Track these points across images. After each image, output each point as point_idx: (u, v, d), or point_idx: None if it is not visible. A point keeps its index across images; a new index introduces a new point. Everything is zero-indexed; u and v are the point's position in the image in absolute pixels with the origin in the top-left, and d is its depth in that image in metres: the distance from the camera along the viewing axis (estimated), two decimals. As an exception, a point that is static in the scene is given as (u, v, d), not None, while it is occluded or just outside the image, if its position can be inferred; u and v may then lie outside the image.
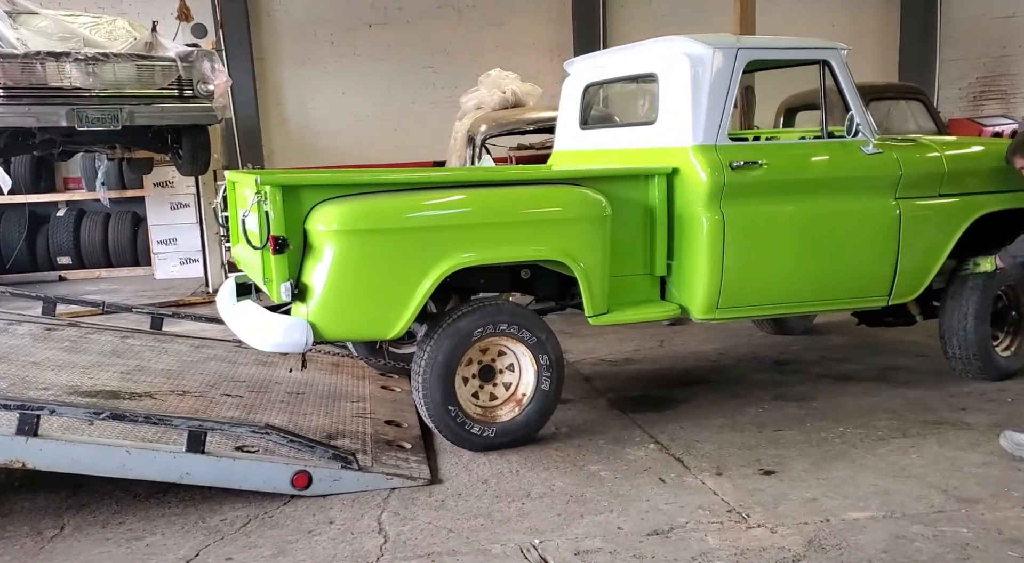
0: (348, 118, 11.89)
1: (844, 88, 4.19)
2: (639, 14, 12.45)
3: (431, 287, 3.54)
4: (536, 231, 3.73)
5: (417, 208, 3.60)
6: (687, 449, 3.81)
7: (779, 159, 4.10)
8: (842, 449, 3.78)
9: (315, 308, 3.46)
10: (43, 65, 7.36)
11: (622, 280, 4.04)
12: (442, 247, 3.56)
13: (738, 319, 4.39)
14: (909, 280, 4.36)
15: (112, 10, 10.11)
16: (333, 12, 11.81)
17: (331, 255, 3.43)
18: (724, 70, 3.97)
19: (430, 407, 3.68)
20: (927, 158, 4.40)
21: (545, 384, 3.80)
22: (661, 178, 4.01)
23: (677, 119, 4.05)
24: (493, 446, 3.77)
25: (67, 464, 3.04)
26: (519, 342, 3.76)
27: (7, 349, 4.24)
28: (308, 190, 3.53)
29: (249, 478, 3.23)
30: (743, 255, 3.98)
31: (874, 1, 13.48)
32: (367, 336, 3.87)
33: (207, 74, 7.99)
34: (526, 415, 3.81)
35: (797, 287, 4.18)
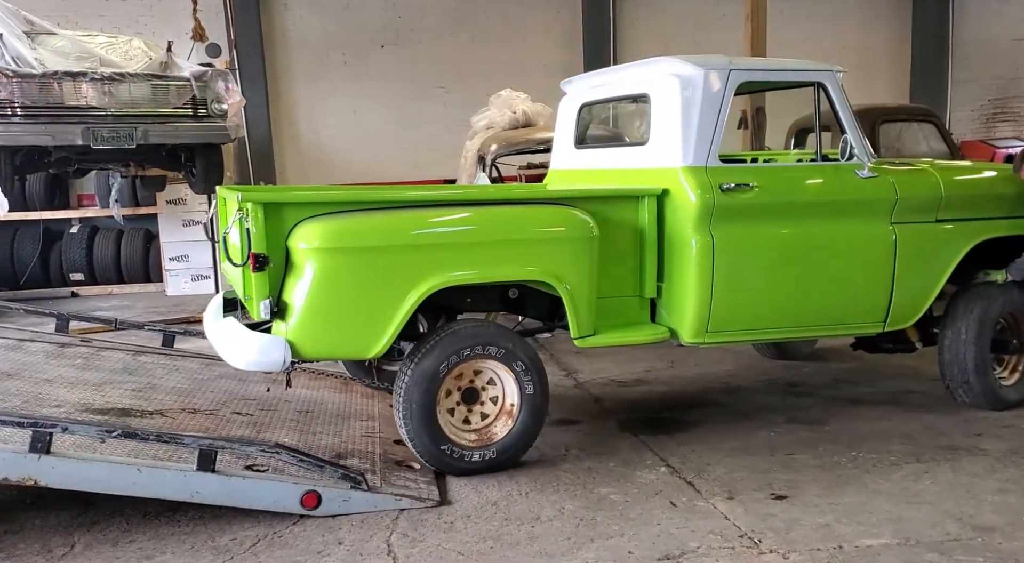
0: (360, 137, 11.98)
1: (840, 111, 4.15)
2: (649, 36, 12.54)
3: (412, 306, 3.50)
4: (520, 251, 3.69)
5: (399, 227, 3.57)
6: (698, 473, 3.78)
7: (770, 182, 4.06)
8: (855, 474, 3.74)
9: (294, 326, 3.43)
10: (60, 84, 7.46)
11: (611, 302, 3.99)
12: (424, 266, 3.52)
13: (729, 343, 4.34)
14: (906, 306, 4.28)
15: (128, 30, 10.23)
16: (346, 33, 11.94)
17: (311, 273, 3.41)
18: (715, 91, 3.94)
19: (424, 452, 3.64)
20: (924, 182, 4.34)
21: (529, 388, 3.73)
22: (651, 199, 3.98)
23: (668, 140, 4.02)
24: (498, 466, 3.75)
25: (78, 482, 3.05)
26: (488, 359, 3.69)
27: (20, 366, 4.27)
28: (290, 207, 3.50)
29: (259, 497, 3.22)
30: (733, 278, 3.94)
31: (886, 23, 13.53)
32: (347, 355, 3.82)
33: (221, 93, 8.08)
34: (521, 424, 3.75)
35: (789, 312, 4.12)
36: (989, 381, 4.48)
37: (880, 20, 13.51)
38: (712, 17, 12.35)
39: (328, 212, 3.53)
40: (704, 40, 11.56)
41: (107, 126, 7.46)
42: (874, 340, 4.80)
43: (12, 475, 2.96)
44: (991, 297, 4.47)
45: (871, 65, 13.38)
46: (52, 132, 7.31)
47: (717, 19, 12.25)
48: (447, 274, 3.56)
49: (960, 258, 4.36)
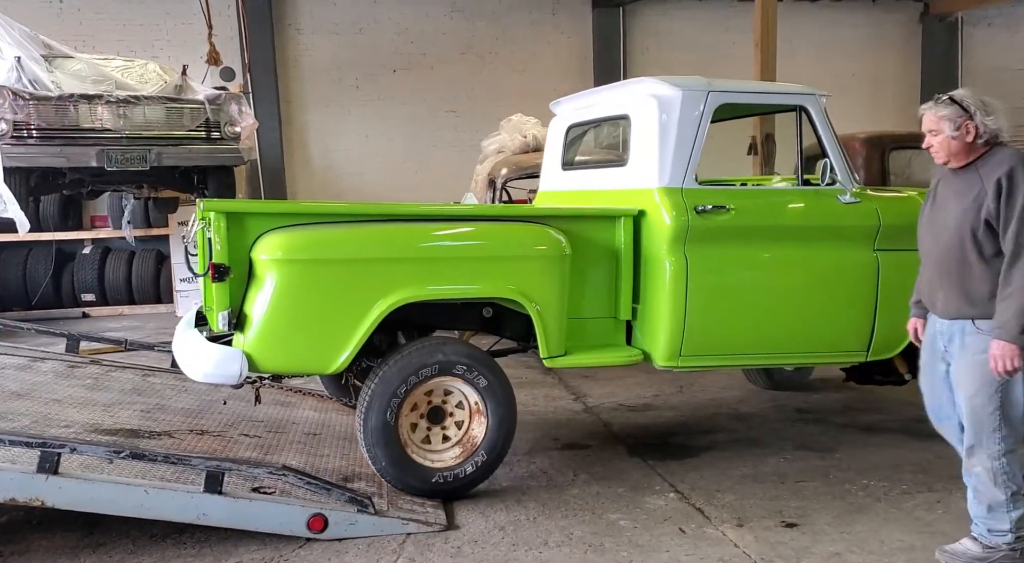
0: (371, 160, 12.06)
1: (822, 135, 4.09)
2: (659, 63, 12.62)
3: (374, 322, 3.45)
4: (487, 268, 3.65)
5: (364, 240, 3.54)
6: (708, 499, 3.75)
7: (747, 205, 4.02)
8: (866, 502, 3.71)
9: (252, 339, 3.39)
10: (76, 107, 7.56)
11: (586, 322, 3.95)
12: (386, 282, 3.47)
13: (703, 369, 4.23)
14: (889, 335, 4.14)
15: (144, 54, 10.37)
16: (358, 57, 12.06)
17: (271, 284, 3.37)
18: (693, 112, 3.91)
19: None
20: (909, 209, 4.13)
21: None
22: (627, 220, 3.94)
23: (645, 160, 4.00)
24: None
25: (86, 503, 3.04)
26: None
27: (30, 386, 4.28)
28: (253, 218, 3.47)
29: (265, 520, 3.21)
30: (707, 302, 3.88)
31: (894, 50, 13.59)
32: (306, 370, 3.72)
33: (234, 116, 8.17)
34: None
35: (766, 338, 4.05)
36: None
37: (889, 48, 13.58)
38: (722, 45, 12.44)
39: (293, 224, 3.50)
40: (714, 68, 11.59)
41: (121, 148, 7.54)
42: (864, 371, 4.68)
43: (19, 495, 2.96)
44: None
45: (880, 92, 13.43)
46: (67, 154, 7.40)
47: (727, 47, 12.34)
48: (410, 290, 3.49)
49: None
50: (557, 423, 5.05)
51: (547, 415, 5.22)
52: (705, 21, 12.77)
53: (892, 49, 13.56)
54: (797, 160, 4.14)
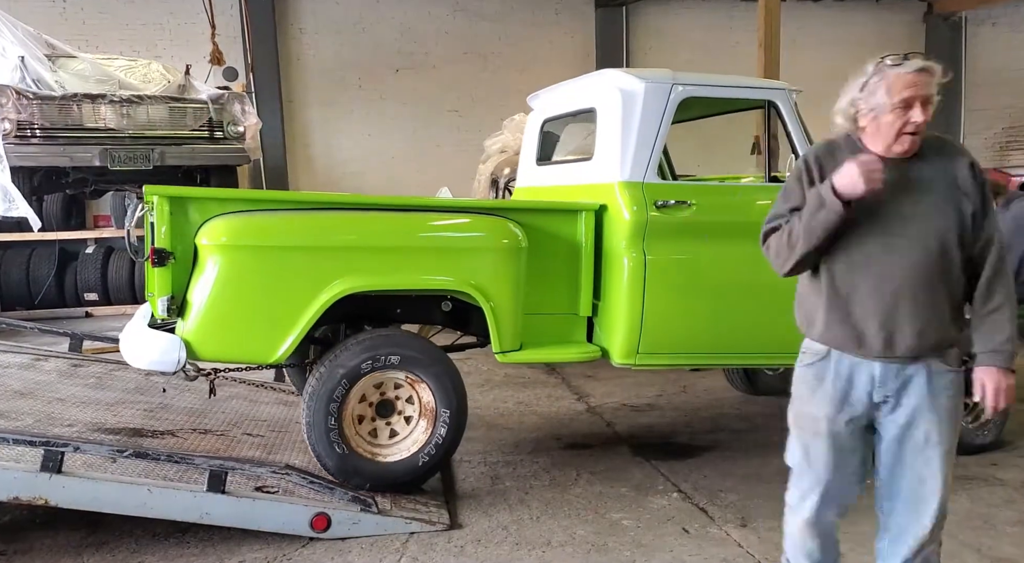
0: (374, 160, 12.06)
1: (791, 131, 3.99)
2: (662, 63, 12.58)
3: (317, 312, 3.38)
4: (437, 259, 3.57)
5: (307, 227, 3.47)
6: (711, 499, 3.74)
7: (709, 200, 3.94)
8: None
9: (191, 326, 3.33)
10: (79, 107, 7.57)
11: (545, 318, 3.87)
12: (331, 270, 3.40)
13: (662, 367, 4.10)
14: None
15: (147, 53, 10.39)
16: (361, 57, 12.06)
17: (212, 270, 3.31)
18: (656, 105, 3.82)
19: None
20: None
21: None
22: (589, 214, 3.86)
23: (608, 154, 3.93)
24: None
25: (89, 502, 3.04)
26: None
27: (34, 385, 4.28)
28: (197, 203, 3.43)
29: (268, 519, 3.21)
30: (666, 299, 3.80)
31: (898, 50, 13.52)
32: (246, 359, 3.59)
33: (237, 116, 8.17)
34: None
35: (727, 337, 3.95)
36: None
37: (893, 47, 13.49)
38: (725, 45, 12.42)
39: (239, 211, 3.43)
40: (717, 68, 11.59)
41: (124, 148, 7.55)
42: None
43: (23, 494, 2.96)
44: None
45: (884, 92, 13.40)
46: (70, 153, 7.41)
47: (730, 47, 12.33)
48: (355, 281, 3.42)
49: None
50: (560, 422, 5.04)
51: (550, 415, 5.22)
52: (709, 20, 12.76)
53: (896, 48, 13.33)
54: (765, 156, 4.04)
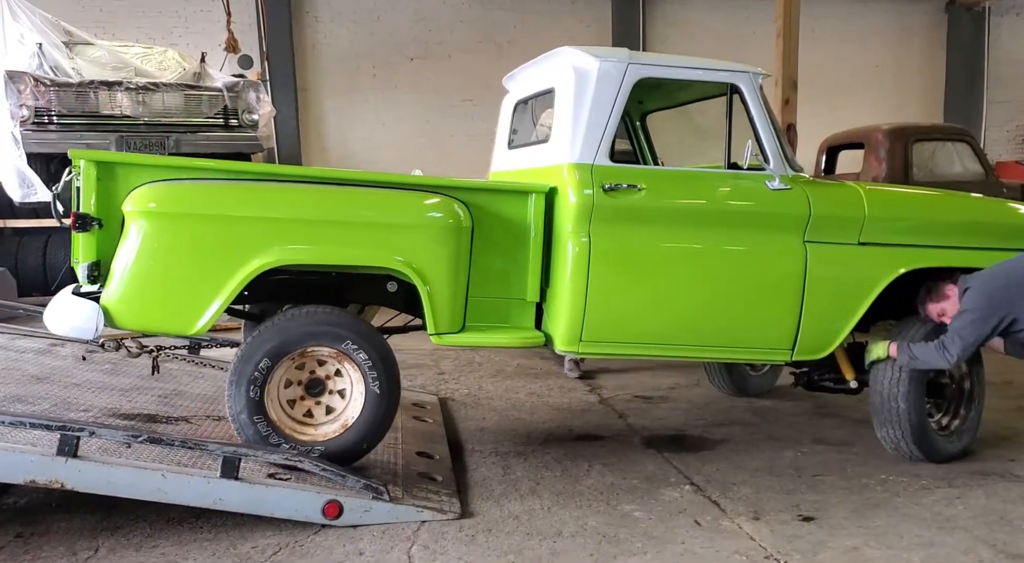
0: (387, 149, 12.08)
1: (755, 117, 3.85)
2: (679, 52, 12.52)
3: (240, 284, 3.32)
4: (368, 235, 3.46)
5: (233, 197, 3.40)
6: (723, 491, 3.73)
7: (661, 185, 3.79)
8: (884, 497, 3.67)
9: (111, 293, 3.28)
10: (96, 94, 7.63)
11: (492, 302, 3.76)
12: (256, 242, 3.33)
13: (606, 356, 3.97)
14: (817, 335, 3.88)
15: (163, 41, 10.43)
16: (376, 45, 12.06)
17: (134, 238, 3.26)
18: (610, 85, 3.71)
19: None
20: (844, 200, 3.97)
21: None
22: (539, 196, 3.73)
23: (562, 135, 3.82)
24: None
25: (104, 486, 3.06)
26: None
27: (50, 370, 4.32)
28: (126, 169, 3.37)
29: (281, 506, 3.22)
30: (611, 286, 3.68)
31: (919, 41, 13.42)
32: (166, 330, 3.51)
33: (252, 104, 8.21)
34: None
35: (675, 328, 3.80)
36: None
37: (914, 38, 13.41)
38: (743, 35, 12.34)
39: (169, 179, 3.38)
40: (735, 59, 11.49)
41: (140, 135, 7.60)
42: (813, 376, 4.49)
43: (39, 477, 2.99)
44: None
45: (904, 83, 13.28)
46: (87, 140, 7.45)
47: (748, 37, 12.24)
48: (280, 254, 3.34)
49: (882, 287, 3.92)
50: (572, 413, 5.04)
51: (562, 406, 5.22)
52: (726, 11, 12.67)
53: (917, 39, 13.39)
54: (726, 143, 3.88)
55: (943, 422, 4.17)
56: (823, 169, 8.64)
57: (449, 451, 4.15)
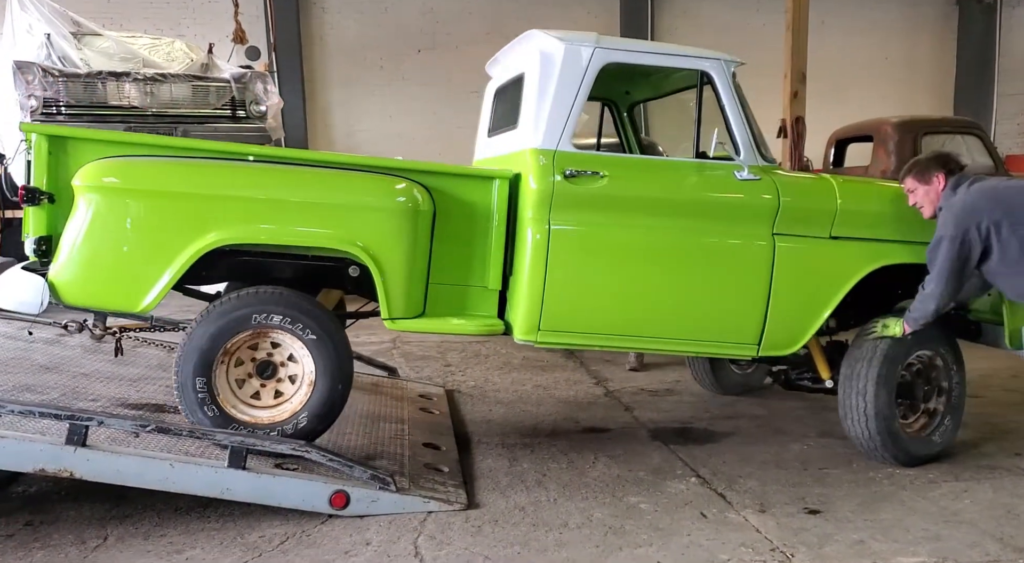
0: (394, 141, 12.08)
1: (725, 105, 3.76)
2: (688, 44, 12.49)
3: (188, 262, 3.29)
4: (319, 216, 3.41)
5: (182, 174, 3.37)
6: (730, 484, 3.73)
7: (623, 173, 3.71)
8: (891, 491, 3.67)
9: (59, 268, 3.28)
10: (104, 84, 7.63)
11: (453, 289, 3.71)
12: (204, 220, 3.30)
13: (565, 346, 3.87)
14: (784, 330, 3.78)
15: (171, 32, 10.43)
16: (383, 37, 12.04)
17: (82, 213, 3.25)
18: (574, 69, 3.64)
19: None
20: (815, 192, 3.87)
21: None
22: (503, 182, 3.67)
23: (525, 120, 3.77)
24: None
25: (112, 475, 3.08)
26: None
27: (59, 360, 4.34)
28: (77, 143, 3.36)
29: (288, 496, 3.23)
30: (571, 274, 3.62)
31: (929, 33, 13.34)
32: (111, 307, 3.49)
33: (259, 95, 8.21)
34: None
35: (636, 319, 3.73)
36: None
37: (924, 31, 13.33)
38: (752, 28, 12.28)
39: (121, 155, 3.37)
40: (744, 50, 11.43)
41: (148, 125, 7.60)
42: (790, 375, 4.43)
43: (49, 466, 3.01)
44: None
45: (914, 76, 13.20)
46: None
47: (757, 30, 12.18)
48: (227, 233, 3.31)
49: (854, 282, 3.82)
50: (578, 406, 5.04)
51: (568, 398, 5.22)
52: (736, 2, 12.61)
53: (927, 31, 13.30)
54: (695, 131, 3.76)
55: (916, 424, 4.04)
56: (831, 162, 8.60)
57: (456, 442, 4.16)
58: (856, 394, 3.88)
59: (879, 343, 3.86)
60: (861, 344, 3.93)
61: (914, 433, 4.00)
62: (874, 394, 3.83)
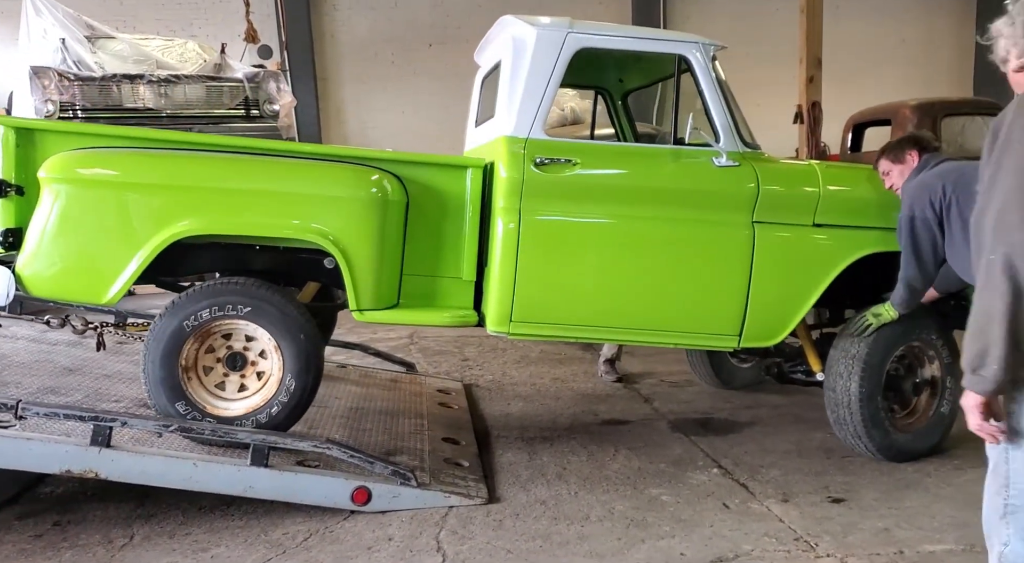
0: (407, 136, 12.07)
1: (704, 90, 3.64)
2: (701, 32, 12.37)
3: (152, 253, 3.28)
4: (284, 206, 3.37)
5: (143, 164, 3.36)
6: (752, 474, 3.71)
7: (596, 160, 3.65)
8: (915, 478, 3.64)
9: (24, 260, 3.29)
10: (118, 87, 7.68)
11: (427, 279, 3.66)
12: (168, 210, 3.28)
13: (539, 337, 3.81)
14: (765, 320, 3.67)
15: (183, 32, 10.48)
16: (394, 32, 12.04)
17: (45, 204, 3.26)
18: (547, 55, 3.56)
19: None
20: (798, 178, 3.78)
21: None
22: (476, 171, 3.62)
23: (501, 108, 3.71)
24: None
25: (137, 475, 3.11)
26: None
27: (82, 362, 4.38)
28: (45, 135, 3.37)
29: (310, 493, 3.25)
30: (542, 264, 3.55)
31: (947, 13, 13.15)
32: (76, 298, 3.48)
33: (272, 94, 8.23)
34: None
35: (611, 310, 3.65)
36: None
37: (941, 12, 13.14)
38: (765, 12, 12.14)
39: (87, 147, 3.37)
40: (758, 36, 11.34)
41: (162, 126, 7.64)
42: (783, 367, 4.33)
43: (75, 467, 3.04)
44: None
45: (933, 57, 13.03)
46: (111, 133, 7.50)
47: (771, 15, 12.05)
48: (193, 224, 3.29)
49: (838, 271, 3.71)
50: (597, 398, 5.03)
51: (586, 391, 5.21)
52: (748, -12, 12.48)
53: (944, 13, 13.12)
54: (673, 115, 3.65)
55: (905, 418, 3.94)
56: (849, 147, 8.52)
57: (475, 437, 4.17)
58: (841, 386, 3.78)
59: (857, 347, 3.75)
60: (846, 337, 3.83)
61: (904, 427, 3.89)
62: (859, 386, 3.74)
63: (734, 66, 4.34)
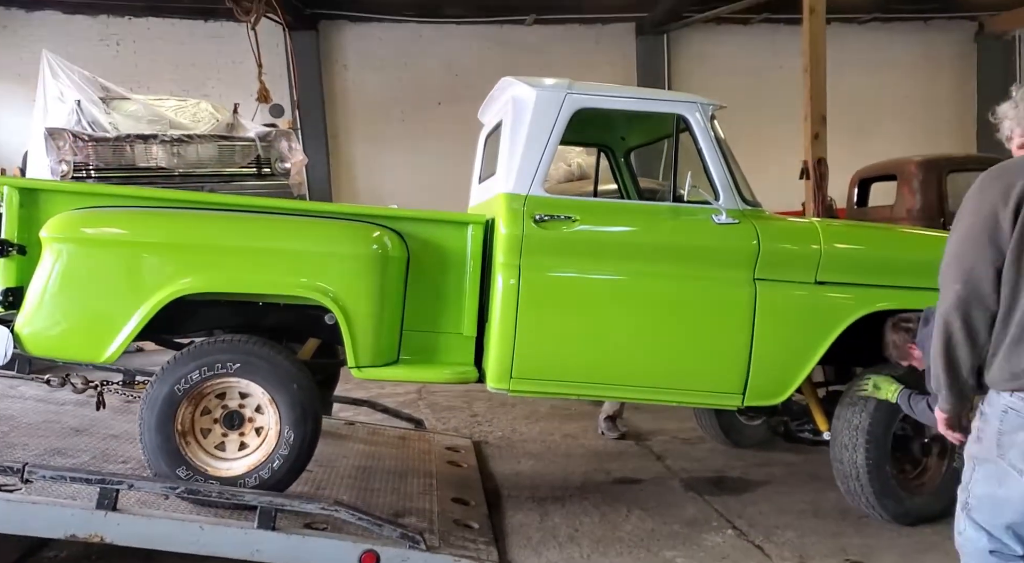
0: (418, 193, 12.18)
1: (703, 149, 3.67)
2: (705, 88, 12.54)
3: (150, 313, 3.29)
4: (282, 263, 3.40)
5: (141, 223, 3.41)
6: (767, 536, 3.63)
7: (595, 217, 3.70)
8: (935, 540, 3.55)
9: (24, 318, 3.31)
10: (132, 147, 7.82)
11: (428, 335, 3.66)
12: (166, 268, 3.32)
13: (539, 395, 3.79)
14: (769, 378, 3.63)
15: (197, 92, 10.69)
16: (404, 91, 12.26)
17: (45, 264, 3.30)
18: (547, 115, 3.64)
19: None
20: (797, 236, 3.77)
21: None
22: (477, 227, 3.66)
23: (502, 166, 3.77)
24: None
25: (143, 539, 3.06)
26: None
27: (89, 422, 4.36)
28: (48, 195, 3.43)
29: (318, 556, 3.19)
30: (543, 320, 3.55)
31: (948, 71, 13.35)
32: (75, 357, 3.52)
33: (284, 153, 8.36)
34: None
35: (611, 367, 3.63)
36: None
37: (943, 68, 13.34)
38: (769, 69, 12.35)
39: (92, 207, 3.42)
40: (762, 92, 11.51)
41: (175, 186, 7.74)
42: (790, 426, 4.28)
43: (80, 531, 3.00)
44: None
45: (935, 114, 13.18)
46: (124, 192, 7.60)
47: (774, 71, 12.25)
48: (191, 282, 3.31)
49: (842, 329, 3.67)
50: (608, 456, 4.97)
51: (598, 448, 5.15)
52: (751, 45, 12.71)
53: (946, 69, 13.32)
54: (672, 173, 3.67)
55: (917, 478, 3.83)
56: (855, 202, 8.55)
57: (485, 497, 4.10)
58: (847, 445, 3.69)
59: (859, 417, 3.69)
60: (848, 406, 3.76)
61: (917, 488, 3.79)
62: (866, 445, 3.64)
63: (738, 122, 4.39)
